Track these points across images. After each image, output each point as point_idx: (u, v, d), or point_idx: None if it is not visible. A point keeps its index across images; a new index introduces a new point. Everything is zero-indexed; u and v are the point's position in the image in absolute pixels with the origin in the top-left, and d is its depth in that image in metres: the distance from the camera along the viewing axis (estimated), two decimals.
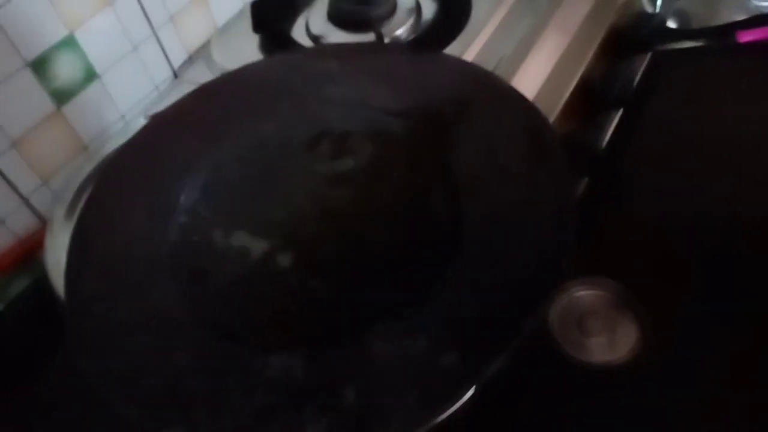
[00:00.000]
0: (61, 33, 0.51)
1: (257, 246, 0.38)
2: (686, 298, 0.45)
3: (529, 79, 0.50)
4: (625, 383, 0.42)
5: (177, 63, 0.62)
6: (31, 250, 0.53)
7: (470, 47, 0.53)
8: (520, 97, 0.38)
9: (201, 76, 0.59)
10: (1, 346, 0.51)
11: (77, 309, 0.35)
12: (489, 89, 0.40)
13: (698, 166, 0.49)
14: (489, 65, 0.50)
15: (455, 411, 0.31)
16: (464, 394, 0.28)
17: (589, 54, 0.52)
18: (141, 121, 0.56)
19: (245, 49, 0.59)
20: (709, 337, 0.43)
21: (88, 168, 0.54)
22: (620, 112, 0.54)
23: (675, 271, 0.45)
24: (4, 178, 0.50)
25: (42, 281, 0.47)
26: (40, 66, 0.50)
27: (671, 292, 0.45)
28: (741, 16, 0.58)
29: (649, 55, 0.58)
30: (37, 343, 0.50)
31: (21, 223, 0.53)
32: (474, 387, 0.29)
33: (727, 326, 0.43)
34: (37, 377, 0.48)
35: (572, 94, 0.50)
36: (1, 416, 0.47)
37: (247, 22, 0.61)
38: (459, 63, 0.45)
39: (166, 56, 0.61)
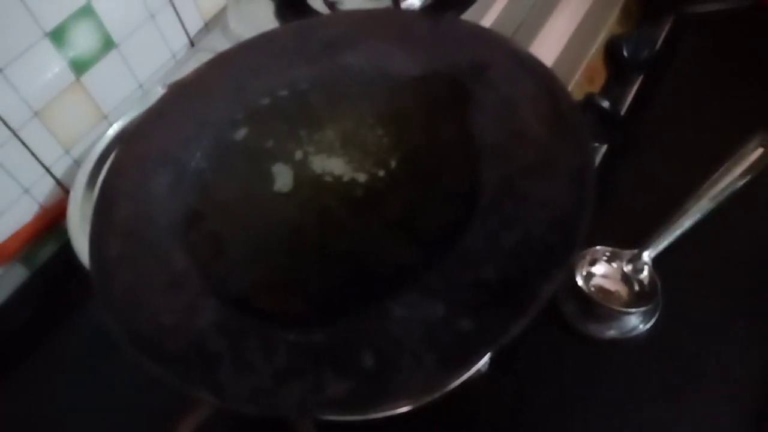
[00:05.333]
0: (79, 2, 0.51)
1: (275, 211, 0.39)
2: (704, 269, 0.44)
3: (550, 43, 0.49)
4: (636, 358, 0.42)
5: (193, 31, 0.62)
6: (55, 219, 0.54)
7: (489, 11, 0.52)
8: (537, 63, 0.38)
9: (217, 44, 0.58)
10: (31, 310, 0.52)
11: (102, 272, 0.36)
12: (506, 54, 0.40)
13: (720, 131, 0.48)
14: (509, 29, 0.50)
15: (467, 379, 0.31)
16: (480, 359, 0.28)
17: (612, 17, 0.51)
18: (159, 90, 0.56)
19: (261, 16, 0.58)
20: (726, 311, 0.42)
21: (109, 137, 0.55)
22: (641, 77, 0.53)
23: (696, 243, 0.44)
24: (27, 148, 0.51)
25: (67, 248, 0.48)
26: (58, 36, 0.50)
27: (688, 262, 0.45)
28: None
29: (671, 18, 0.56)
30: (63, 306, 0.52)
31: (45, 193, 0.54)
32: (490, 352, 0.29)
33: (745, 301, 0.43)
34: (63, 339, 0.50)
35: (593, 58, 0.49)
36: (29, 370, 0.49)
37: None
38: (475, 28, 0.44)
39: (183, 25, 0.61)
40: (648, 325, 0.43)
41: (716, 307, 0.43)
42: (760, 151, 0.46)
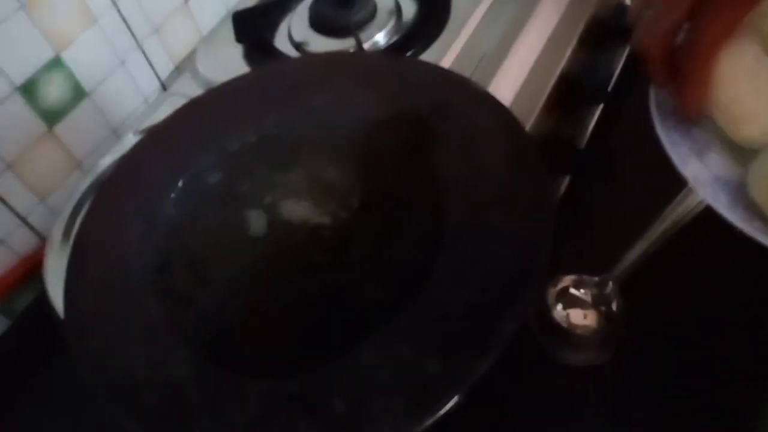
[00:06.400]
0: (48, 55, 0.52)
1: (249, 257, 0.40)
2: (673, 294, 0.46)
3: (510, 77, 0.50)
4: (609, 384, 0.43)
5: (164, 75, 0.63)
6: (33, 268, 0.54)
7: (451, 47, 0.53)
8: (495, 102, 0.39)
9: (188, 87, 0.59)
10: (11, 358, 0.52)
11: (77, 327, 0.36)
12: (466, 94, 0.41)
13: None
14: (470, 64, 0.51)
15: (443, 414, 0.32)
16: (449, 400, 0.29)
17: (569, 48, 0.52)
18: (132, 136, 0.57)
19: (230, 59, 0.60)
20: (696, 335, 0.44)
21: (84, 184, 0.55)
22: (601, 106, 0.54)
23: (662, 267, 0.45)
24: (2, 199, 0.52)
25: (45, 297, 0.49)
26: (29, 89, 0.51)
27: (658, 288, 0.46)
28: None
29: (628, 47, 0.58)
30: (42, 354, 0.52)
31: (21, 242, 0.54)
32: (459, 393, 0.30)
33: (716, 324, 0.44)
34: (42, 386, 0.50)
35: (553, 90, 0.50)
36: (9, 418, 0.50)
37: (231, 30, 0.61)
38: (436, 69, 0.45)
39: (153, 68, 0.61)
40: (617, 349, 0.44)
41: (684, 329, 0.44)
42: None
